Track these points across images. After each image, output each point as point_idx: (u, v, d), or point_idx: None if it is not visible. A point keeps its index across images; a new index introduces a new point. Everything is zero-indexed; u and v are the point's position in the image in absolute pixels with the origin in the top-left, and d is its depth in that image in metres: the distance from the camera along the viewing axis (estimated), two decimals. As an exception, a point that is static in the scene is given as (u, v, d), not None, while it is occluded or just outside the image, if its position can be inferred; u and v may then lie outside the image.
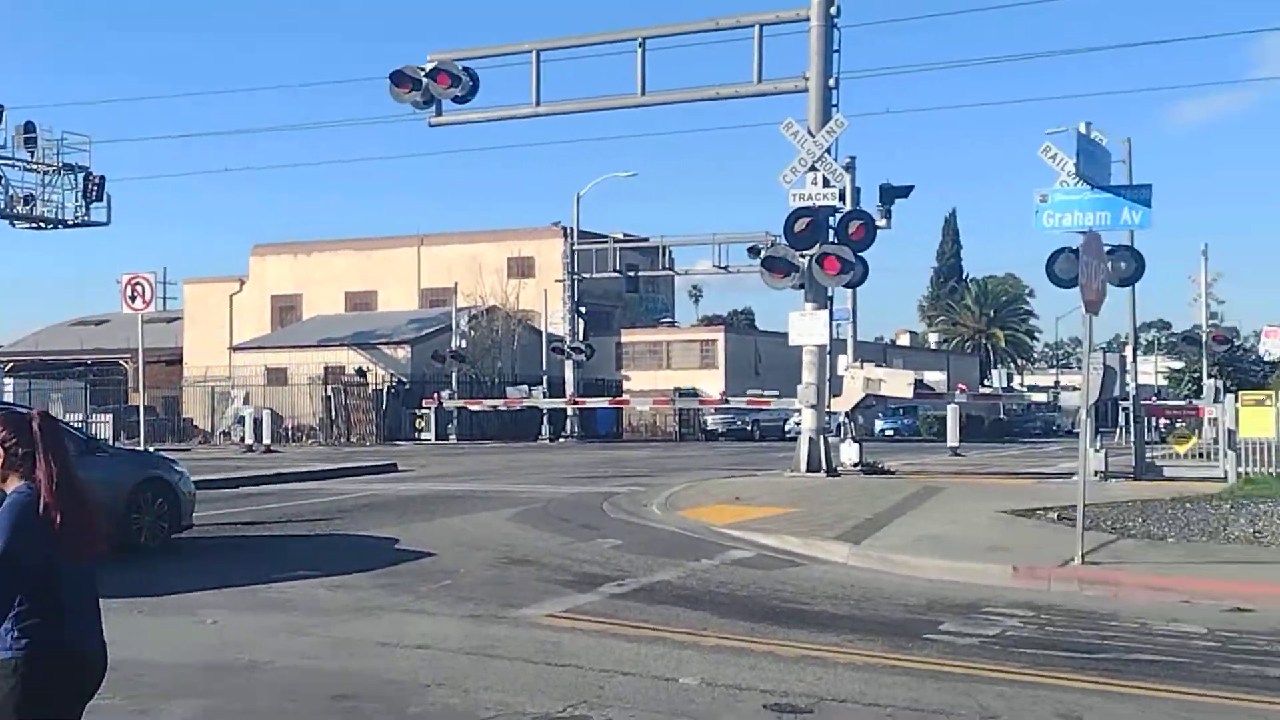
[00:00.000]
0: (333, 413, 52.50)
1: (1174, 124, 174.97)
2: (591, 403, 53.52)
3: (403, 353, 58.53)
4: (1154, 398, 50.52)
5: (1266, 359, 66.46)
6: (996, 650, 8.92)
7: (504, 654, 8.60)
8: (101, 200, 46.21)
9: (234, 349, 66.09)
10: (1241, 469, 22.89)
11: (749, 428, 55.79)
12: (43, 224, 46.25)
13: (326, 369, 56.65)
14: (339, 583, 11.65)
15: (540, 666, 8.22)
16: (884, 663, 8.42)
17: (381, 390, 54.28)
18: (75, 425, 19.29)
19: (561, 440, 51.65)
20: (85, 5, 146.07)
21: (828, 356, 25.72)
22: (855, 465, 26.04)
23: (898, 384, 27.48)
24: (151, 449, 25.02)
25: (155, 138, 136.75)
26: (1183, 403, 41.59)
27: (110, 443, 26.23)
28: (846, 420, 27.80)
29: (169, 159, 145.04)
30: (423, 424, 52.39)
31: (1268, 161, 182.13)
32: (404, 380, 56.06)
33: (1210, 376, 48.15)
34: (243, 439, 45.17)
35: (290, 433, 51.26)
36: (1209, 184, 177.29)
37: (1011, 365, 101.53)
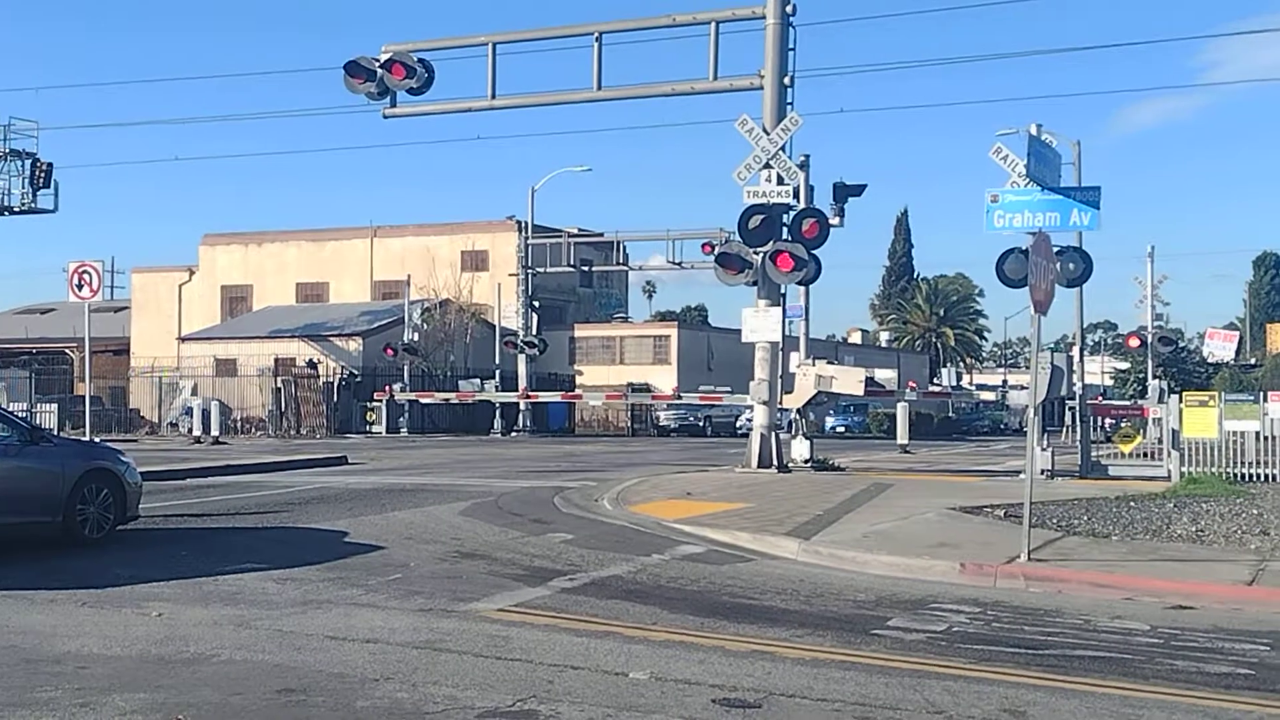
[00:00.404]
0: (283, 405, 52.12)
1: (1122, 127, 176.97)
2: (544, 397, 53.45)
3: (354, 345, 58.23)
4: (1100, 397, 51.10)
5: (1209, 360, 67.43)
6: (944, 646, 8.99)
7: (453, 648, 8.58)
8: (49, 187, 45.72)
9: (183, 339, 65.50)
10: (1185, 468, 23.24)
11: (701, 423, 55.94)
12: (-12, 211, 45.70)
13: (277, 360, 56.27)
14: (287, 575, 11.57)
15: (490, 661, 8.20)
16: (833, 658, 8.47)
17: (332, 382, 53.97)
18: (19, 415, 19.04)
19: (514, 434, 51.55)
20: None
21: (780, 353, 25.83)
22: (806, 462, 26.18)
23: (849, 381, 27.63)
24: (97, 439, 24.72)
25: (105, 125, 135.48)
26: (1128, 403, 42.17)
27: (55, 433, 25.95)
28: (798, 417, 27.94)
29: (119, 147, 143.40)
30: (374, 417, 52.13)
31: (1213, 165, 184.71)
32: (355, 373, 55.76)
33: (1155, 377, 48.77)
34: (190, 430, 44.78)
35: (239, 425, 50.88)
36: (1155, 187, 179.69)
37: (961, 364, 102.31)
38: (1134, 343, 55.35)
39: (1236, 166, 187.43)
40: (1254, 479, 23.16)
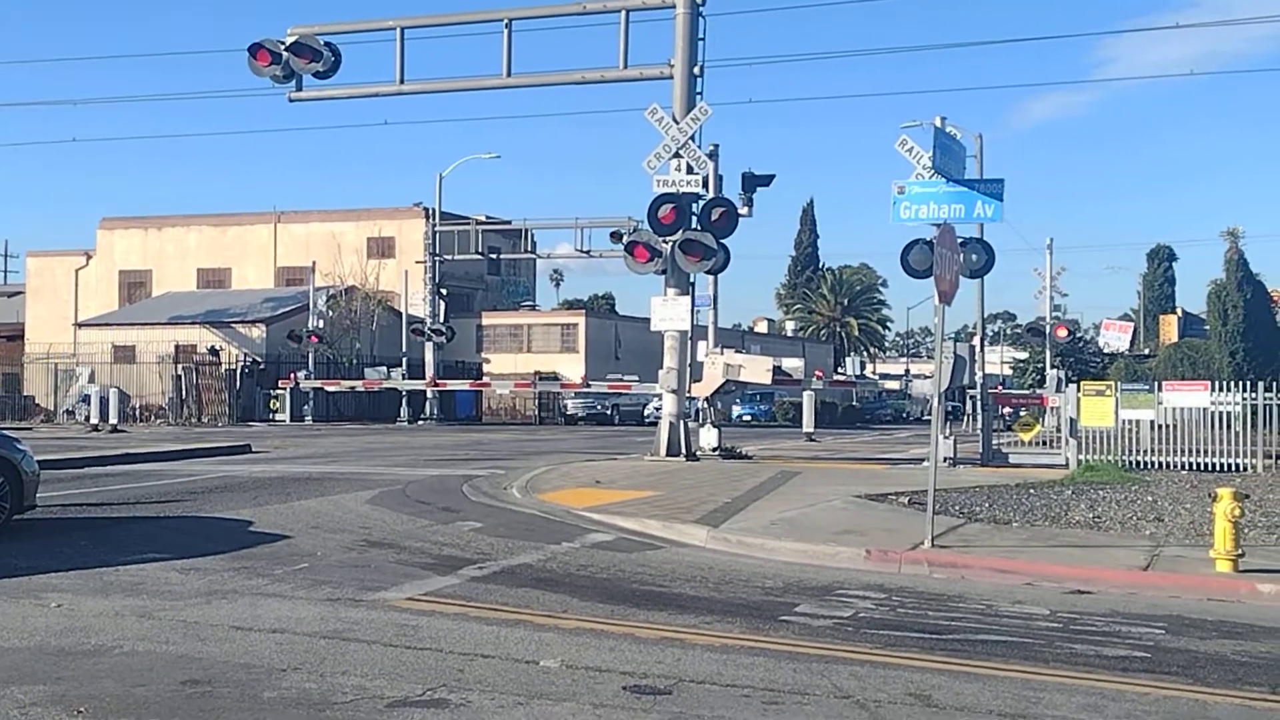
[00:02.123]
0: (183, 392, 51.24)
1: (1021, 121, 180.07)
2: (452, 385, 53.20)
3: (258, 332, 57.43)
4: (1000, 386, 52.00)
5: (1105, 350, 68.93)
6: (850, 631, 9.10)
7: (362, 637, 8.51)
8: (-61, 168, 44.45)
9: (80, 325, 64.14)
10: (1082, 456, 23.74)
11: (609, 412, 56.04)
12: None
13: (177, 347, 55.32)
14: (190, 565, 11.39)
15: (399, 650, 8.15)
16: (741, 644, 8.53)
17: (235, 370, 53.17)
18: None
19: (421, 422, 51.21)
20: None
21: (689, 342, 25.94)
22: (714, 450, 26.35)
23: (757, 370, 27.85)
24: (-9, 427, 24.17)
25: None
26: (1027, 392, 42.95)
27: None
28: (706, 405, 28.11)
29: (13, 128, 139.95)
30: (277, 405, 51.48)
31: (1108, 160, 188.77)
32: (259, 360, 55.00)
33: (1053, 367, 49.74)
34: (88, 418, 43.84)
35: (138, 412, 49.94)
36: (1052, 180, 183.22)
37: (865, 353, 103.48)
38: (1062, 333, 56.14)
39: (1130, 161, 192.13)
40: (1149, 466, 23.74)
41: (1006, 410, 38.10)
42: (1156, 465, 23.86)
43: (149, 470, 22.85)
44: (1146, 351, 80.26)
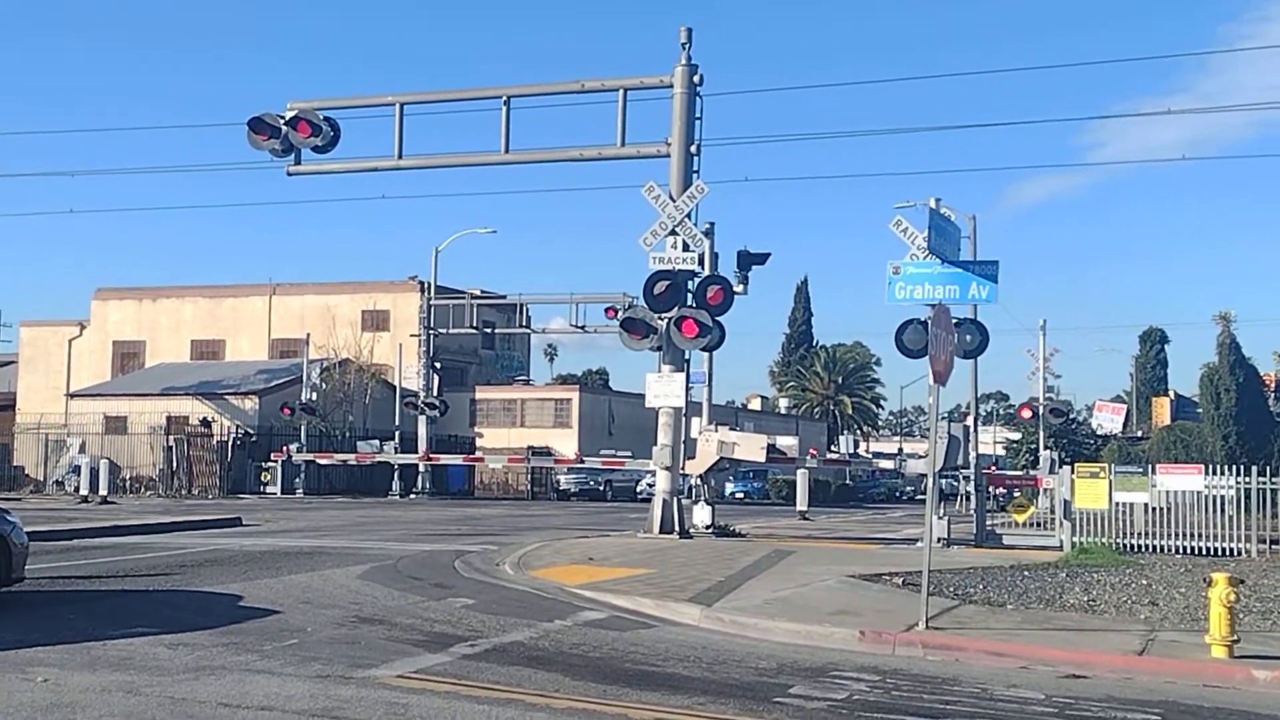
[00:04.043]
0: (174, 464, 51.03)
1: (1012, 203, 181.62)
2: (446, 459, 53.02)
3: (250, 404, 57.33)
4: (993, 467, 51.92)
5: (1099, 432, 68.93)
6: (844, 714, 9.02)
7: (351, 715, 8.42)
8: (-64, 238, 44.58)
9: (71, 395, 64.03)
10: (1076, 538, 23.64)
11: (602, 488, 55.87)
12: None
13: (169, 419, 55.16)
14: (179, 640, 11.28)
15: (389, 728, 8.07)
16: (735, 726, 8.46)
17: (226, 441, 52.99)
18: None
19: (413, 497, 51.00)
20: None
21: (683, 419, 25.92)
22: (708, 528, 26.24)
23: (751, 448, 27.80)
24: (-20, 497, 24.05)
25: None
26: (1020, 473, 42.89)
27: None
28: (700, 483, 28.02)
29: (8, 198, 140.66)
30: (269, 477, 51.26)
31: (1099, 242, 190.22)
32: (250, 432, 54.85)
33: (1046, 448, 49.71)
34: (78, 489, 43.61)
35: (129, 484, 49.68)
36: (1044, 262, 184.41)
37: (858, 431, 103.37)
38: (1026, 414, 56.47)
39: (1123, 243, 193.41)
40: (1143, 549, 23.66)
41: (999, 491, 38.05)
42: (1150, 548, 23.78)
43: (139, 543, 22.70)
44: (1139, 434, 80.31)
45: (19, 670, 9.74)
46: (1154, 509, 24.65)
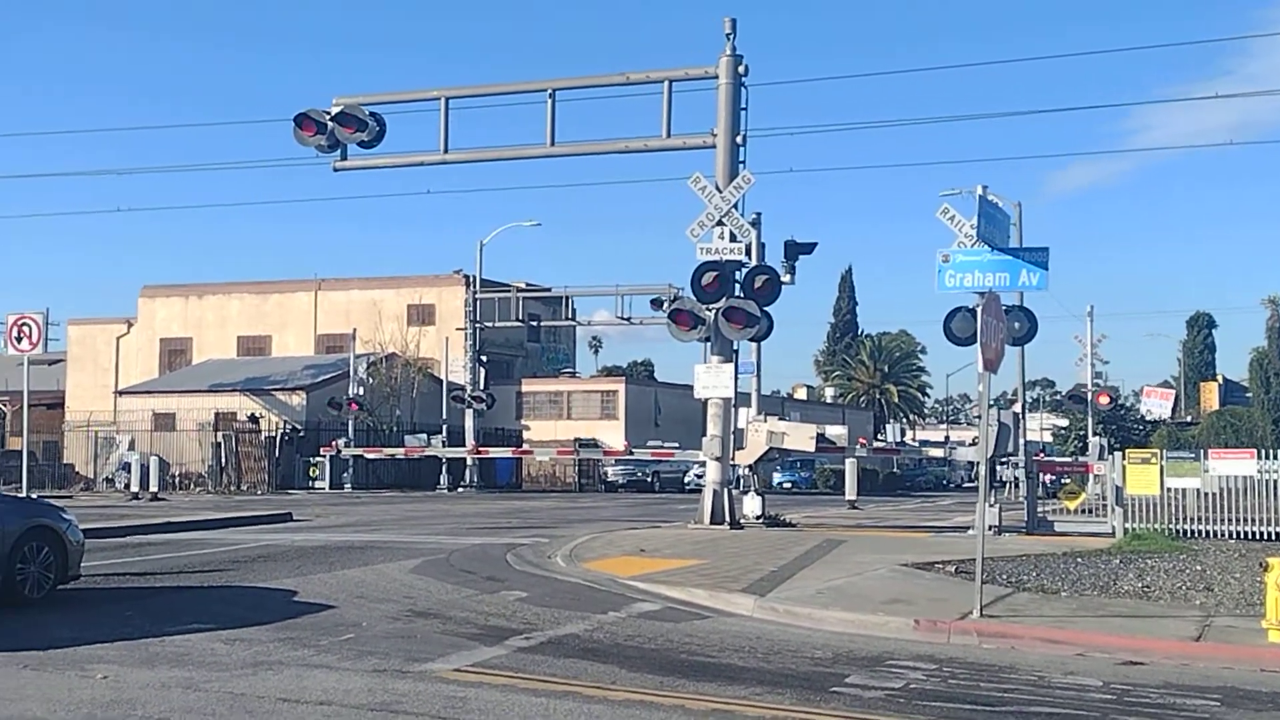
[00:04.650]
0: (223, 460, 51.43)
1: (1056, 189, 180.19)
2: (494, 452, 53.25)
3: (298, 399, 57.71)
4: (1041, 454, 51.58)
5: (1147, 418, 68.34)
6: (902, 703, 8.98)
7: (409, 709, 8.45)
8: (-13, 238, 45.10)
9: (120, 393, 64.66)
10: (1129, 524, 23.42)
11: (649, 479, 55.89)
12: (-76, 262, 44.98)
13: (217, 415, 55.60)
14: (236, 636, 11.37)
15: (447, 722, 8.09)
16: (792, 715, 8.44)
17: (275, 437, 53.37)
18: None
19: (460, 490, 51.21)
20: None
21: (732, 409, 25.86)
22: (758, 518, 26.20)
23: (800, 438, 27.70)
24: (33, 496, 24.29)
25: (43, 175, 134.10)
26: (1070, 459, 42.55)
27: (-8, 489, 25.45)
28: (749, 473, 27.97)
29: (59, 197, 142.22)
30: (317, 472, 51.61)
31: (1144, 227, 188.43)
32: (298, 427, 55.22)
33: (1095, 434, 49.29)
34: (128, 486, 44.05)
35: (178, 480, 50.12)
36: (1089, 248, 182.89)
37: (904, 420, 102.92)
38: (1104, 400, 55.72)
39: (1169, 228, 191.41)
40: (1195, 535, 23.40)
41: (1049, 477, 37.76)
42: (1203, 534, 23.52)
43: (191, 539, 22.91)
44: (1189, 419, 79.62)
45: (78, 667, 9.85)
46: (1206, 494, 24.37)
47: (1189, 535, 23.29)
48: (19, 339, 27.41)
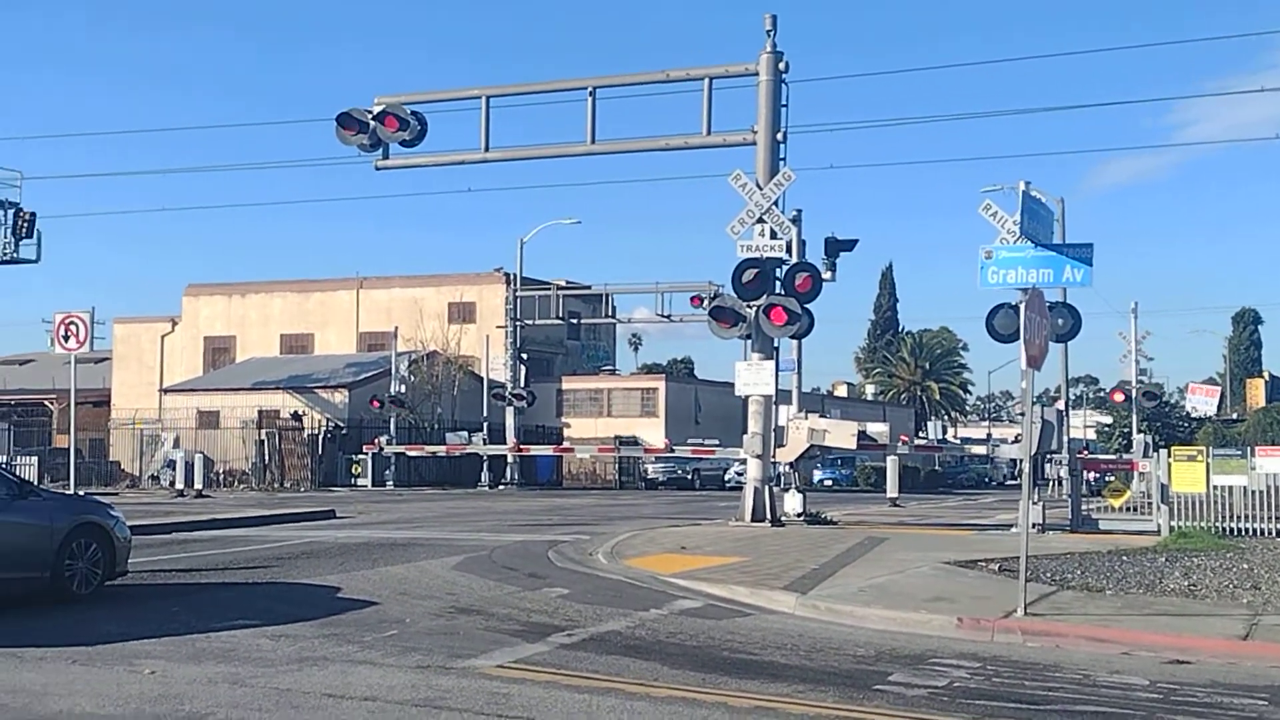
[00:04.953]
0: (266, 457, 51.82)
1: (1098, 184, 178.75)
2: (535, 450, 53.35)
3: (340, 397, 58.04)
4: (1085, 451, 51.17)
5: (1192, 415, 67.68)
6: (946, 701, 8.94)
7: (454, 705, 8.50)
8: (31, 237, 45.49)
9: (164, 391, 65.24)
10: (1174, 523, 23.21)
11: (689, 476, 55.88)
12: (-31, 260, 45.42)
13: (261, 413, 56.00)
14: (281, 632, 11.46)
15: (491, 718, 8.13)
16: (835, 713, 8.42)
17: (317, 435, 53.70)
18: (5, 468, 18.87)
19: (502, 487, 51.37)
20: (21, 44, 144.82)
21: (773, 407, 25.82)
22: (799, 515, 26.15)
23: (841, 435, 27.63)
24: (81, 493, 24.55)
25: (89, 175, 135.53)
26: (1114, 457, 42.20)
27: (39, 486, 25.72)
28: (789, 470, 27.91)
29: (103, 197, 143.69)
30: (359, 470, 51.89)
31: (1189, 222, 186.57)
32: (341, 425, 55.54)
33: (1139, 431, 48.86)
34: (172, 483, 44.45)
35: (222, 477, 50.54)
36: (1132, 244, 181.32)
37: (945, 417, 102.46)
38: (1118, 397, 55.47)
39: (1213, 223, 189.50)
40: (1242, 533, 23.18)
41: (1093, 475, 37.44)
42: (1250, 532, 23.29)
43: (236, 536, 23.09)
44: (1234, 416, 78.77)
45: (126, 662, 9.95)
46: (1253, 492, 24.13)
47: (1236, 533, 23.08)
48: (66, 338, 27.68)
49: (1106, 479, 28.66)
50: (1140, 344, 55.19)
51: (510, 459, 52.78)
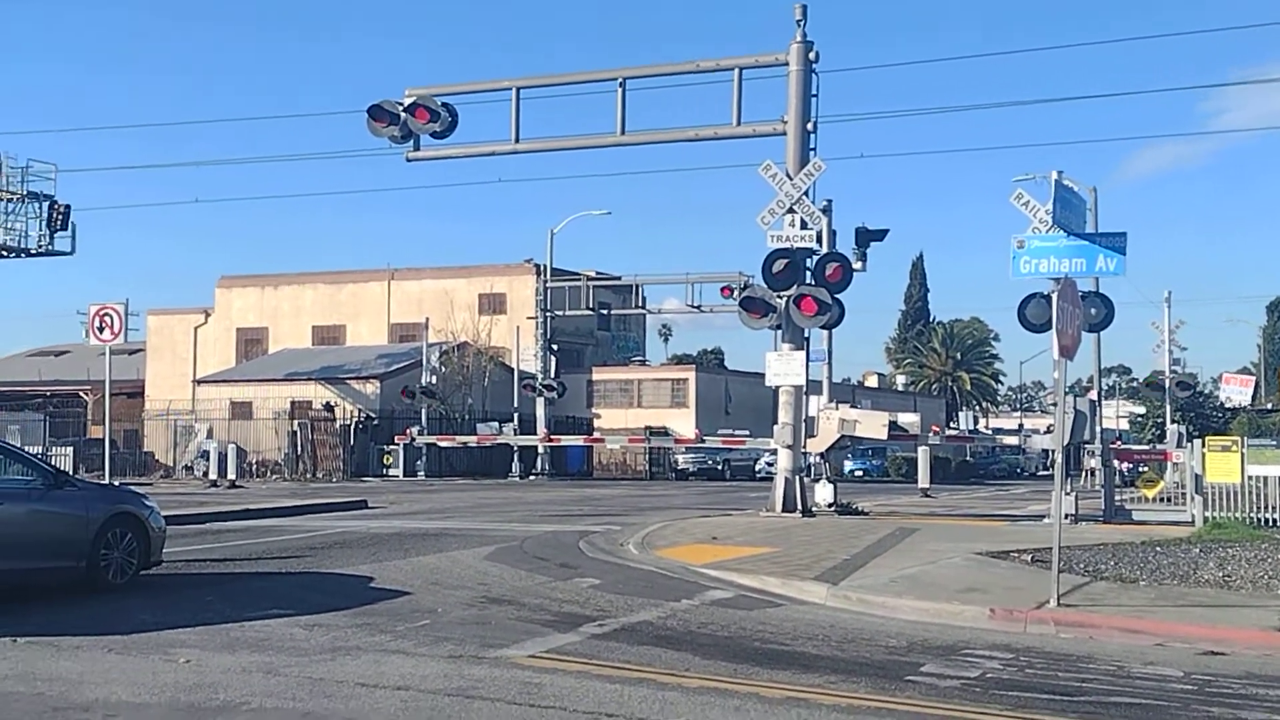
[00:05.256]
0: (299, 448, 52.11)
1: (1132, 172, 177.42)
2: (566, 440, 53.44)
3: (371, 388, 58.28)
4: (1118, 441, 50.83)
5: (1226, 405, 67.17)
6: (978, 692, 8.91)
7: (486, 695, 8.52)
8: (66, 229, 45.92)
9: (198, 382, 65.63)
10: (1208, 513, 23.06)
11: (720, 467, 55.84)
12: (5, 252, 45.89)
13: (293, 403, 56.31)
14: (314, 621, 11.53)
15: (523, 708, 8.15)
16: (868, 704, 8.40)
17: (349, 425, 53.97)
18: (40, 458, 19.03)
19: (532, 478, 51.48)
20: (56, 38, 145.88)
21: (804, 397, 25.77)
22: (830, 506, 26.12)
23: (873, 425, 27.55)
24: (116, 483, 24.73)
25: (123, 168, 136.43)
26: (1147, 447, 41.94)
27: (74, 476, 25.93)
28: (820, 461, 27.86)
29: (137, 189, 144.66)
30: (390, 460, 52.12)
31: (1223, 211, 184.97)
32: (372, 415, 55.78)
33: (1173, 422, 48.52)
34: (206, 473, 44.77)
35: (255, 468, 50.88)
36: (1165, 233, 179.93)
37: (977, 408, 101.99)
38: (1151, 386, 55.02)
39: (1247, 212, 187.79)
40: (1278, 524, 23.00)
41: (1126, 466, 37.24)
42: (1286, 523, 23.11)
43: (269, 526, 23.23)
44: (1269, 406, 78.07)
45: (161, 652, 10.03)
46: (1289, 483, 23.91)
47: (1271, 524, 22.90)
48: (101, 329, 27.87)
49: (1140, 469, 28.52)
50: (1174, 334, 54.82)
51: (541, 450, 52.87)
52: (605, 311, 57.85)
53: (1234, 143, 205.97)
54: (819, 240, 24.82)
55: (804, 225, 24.15)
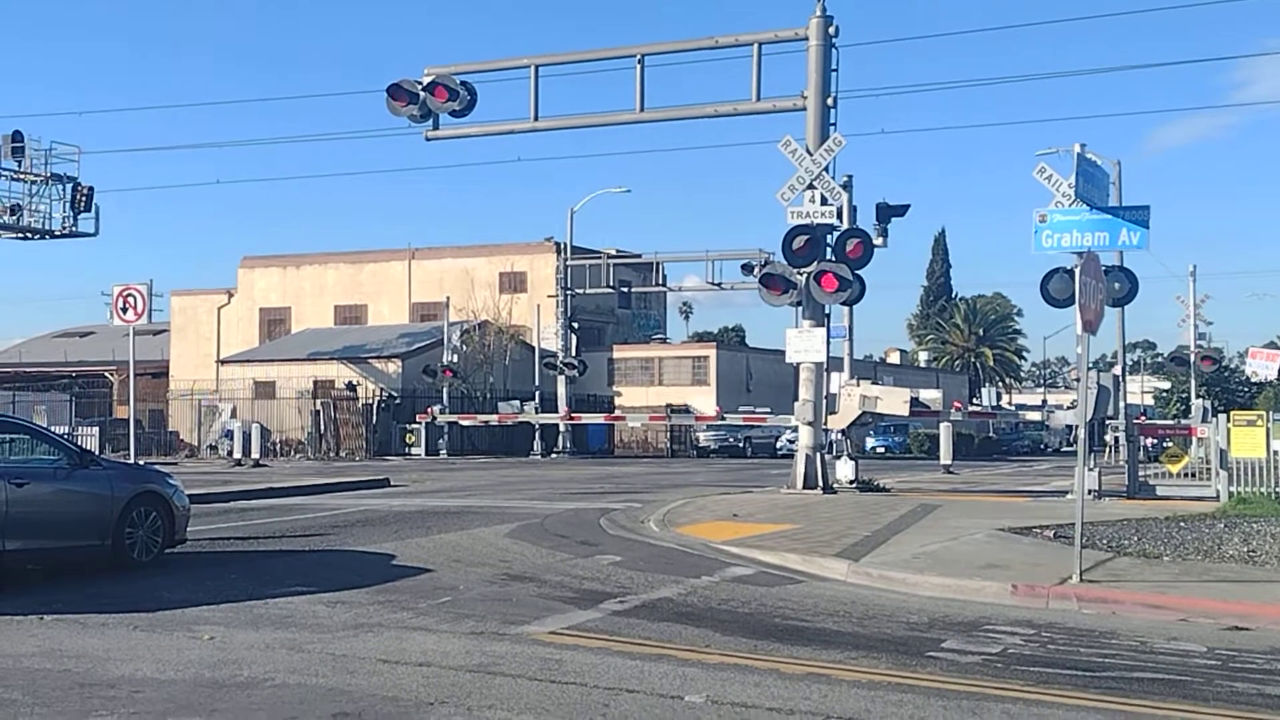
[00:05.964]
0: (322, 427, 52.34)
1: (1155, 146, 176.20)
2: (587, 419, 53.52)
3: (393, 367, 58.45)
4: (1142, 416, 50.60)
5: (1252, 380, 66.82)
6: (1000, 668, 8.89)
7: (507, 671, 8.55)
8: (89, 211, 46.08)
9: (222, 362, 65.97)
10: (1233, 488, 22.93)
11: (741, 444, 55.86)
12: (29, 234, 46.03)
13: (316, 383, 56.55)
14: (337, 599, 11.59)
15: (544, 684, 8.17)
16: (888, 680, 8.39)
17: (371, 404, 54.16)
18: (66, 437, 19.17)
19: (554, 456, 51.59)
20: (85, 20, 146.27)
21: (825, 374, 25.72)
22: (851, 482, 26.09)
23: (894, 402, 27.48)
24: (141, 462, 24.85)
25: (146, 149, 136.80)
26: (1172, 422, 41.78)
27: (100, 455, 26.08)
28: (842, 438, 27.83)
29: (160, 170, 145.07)
30: (413, 439, 52.30)
31: (1247, 185, 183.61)
32: (395, 394, 55.96)
33: (1198, 396, 48.29)
34: (230, 453, 45.02)
35: (278, 447, 51.11)
36: (1189, 207, 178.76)
37: (1000, 384, 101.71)
38: (1208, 364, 54.54)
39: (1272, 184, 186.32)
40: (1304, 499, 22.86)
41: (1150, 441, 37.11)
42: (1312, 497, 22.96)
43: (292, 504, 23.34)
44: (1295, 379, 77.62)
45: (186, 629, 10.10)
46: (1315, 457, 23.76)
47: (1297, 499, 22.76)
48: (125, 310, 27.94)
49: (1164, 444, 28.38)
50: (1199, 308, 54.47)
51: (562, 428, 52.97)
52: (626, 289, 57.87)
53: (1259, 114, 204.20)
54: (839, 216, 24.73)
55: (824, 201, 24.05)
